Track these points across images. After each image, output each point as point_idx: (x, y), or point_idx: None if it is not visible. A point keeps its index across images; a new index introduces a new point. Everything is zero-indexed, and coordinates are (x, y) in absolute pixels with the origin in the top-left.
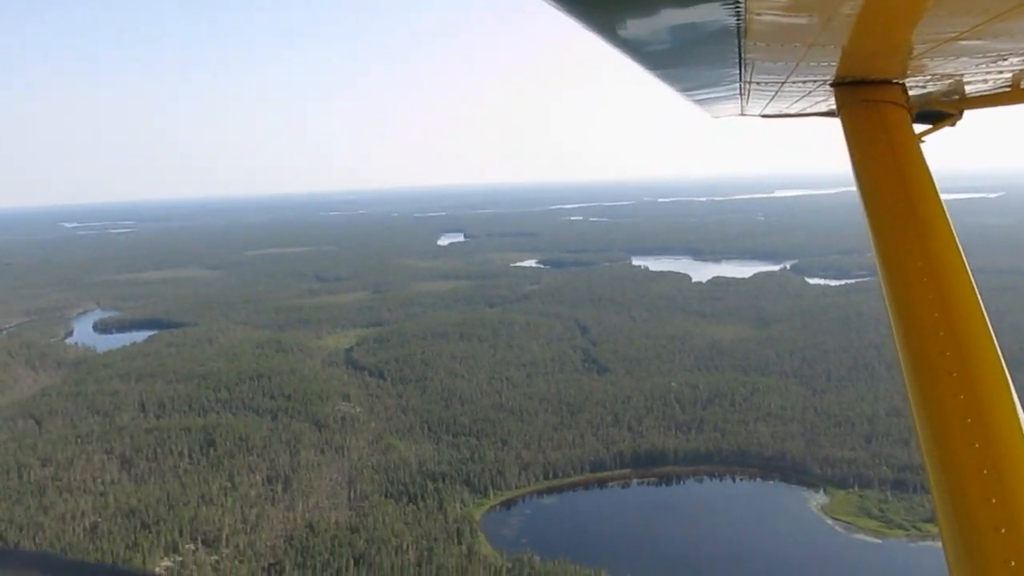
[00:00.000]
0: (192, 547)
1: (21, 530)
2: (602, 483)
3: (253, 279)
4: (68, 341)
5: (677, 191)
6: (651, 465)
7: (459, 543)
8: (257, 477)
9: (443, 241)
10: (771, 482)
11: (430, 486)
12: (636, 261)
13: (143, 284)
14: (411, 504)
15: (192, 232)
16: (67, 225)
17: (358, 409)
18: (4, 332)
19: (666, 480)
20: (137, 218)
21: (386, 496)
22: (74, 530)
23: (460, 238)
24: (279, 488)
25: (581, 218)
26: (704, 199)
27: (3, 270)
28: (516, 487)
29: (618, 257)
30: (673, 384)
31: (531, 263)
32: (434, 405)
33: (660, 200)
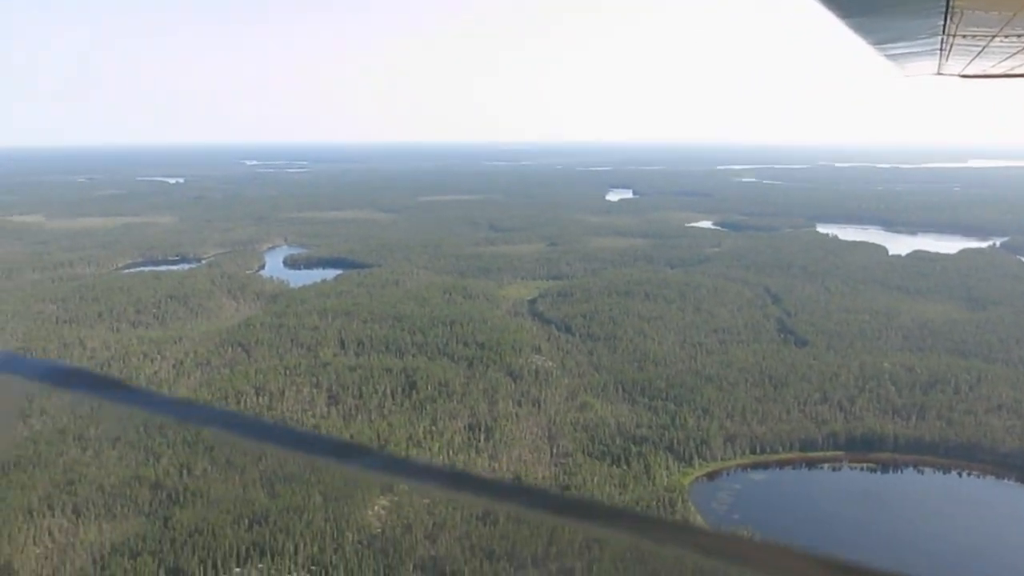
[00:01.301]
0: (406, 487)
1: (245, 455)
2: (812, 463)
3: (428, 224)
4: (262, 274)
5: (857, 156)
6: (866, 449)
7: (672, 511)
8: (459, 424)
9: (612, 196)
10: (1006, 481)
11: (633, 449)
12: (822, 228)
13: (324, 223)
14: (615, 466)
15: (364, 175)
16: (248, 162)
17: (550, 363)
18: (204, 262)
19: (883, 467)
20: (311, 159)
21: (589, 455)
22: (294, 461)
23: (629, 194)
24: (481, 437)
25: (754, 180)
26: (887, 165)
27: (196, 203)
28: (721, 459)
29: (801, 223)
30: (885, 364)
31: (707, 224)
32: (626, 365)
33: (838, 165)
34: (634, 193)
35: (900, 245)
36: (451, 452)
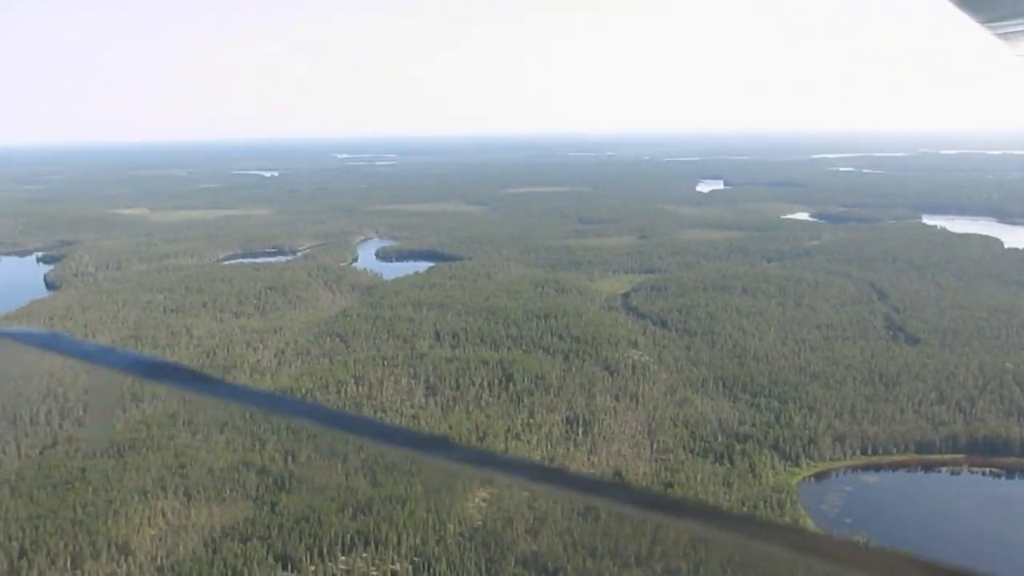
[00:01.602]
0: (506, 481)
1: (347, 444)
2: (928, 466)
3: (516, 217)
4: (355, 266)
5: (963, 142)
6: (989, 453)
7: (780, 513)
8: (556, 417)
9: (702, 188)
10: None
11: (736, 447)
12: (928, 220)
13: (413, 215)
14: (719, 464)
15: (450, 167)
16: (339, 156)
17: (647, 358)
18: (299, 254)
19: (1008, 472)
20: (398, 152)
21: (691, 452)
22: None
23: (720, 185)
24: (579, 430)
25: (852, 169)
26: (998, 152)
27: (290, 196)
28: (830, 459)
29: (905, 214)
30: (1008, 364)
31: (804, 216)
32: (726, 361)
33: (943, 152)
34: (725, 184)
35: (1017, 238)
36: (550, 445)
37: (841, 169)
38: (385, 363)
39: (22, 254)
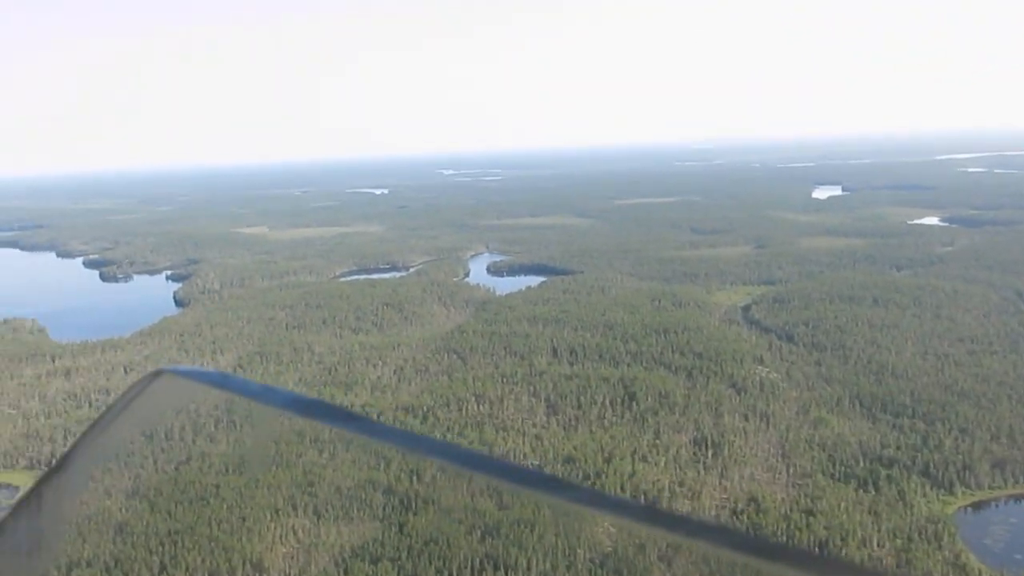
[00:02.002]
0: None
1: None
2: None
3: (627, 228)
4: (468, 281)
5: None
6: None
7: (939, 547)
8: (683, 438)
9: (819, 194)
10: None
11: (881, 472)
12: None
13: (522, 229)
14: (863, 490)
15: (556, 181)
16: (445, 172)
17: (775, 375)
18: (412, 270)
19: None
20: (505, 166)
21: (831, 477)
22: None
23: (838, 191)
24: (708, 453)
25: (983, 170)
26: None
27: (401, 213)
28: (989, 487)
29: None
30: None
31: (934, 220)
32: (861, 378)
33: None
34: (843, 189)
35: None
36: (678, 468)
37: (971, 170)
38: (504, 380)
39: (152, 272)
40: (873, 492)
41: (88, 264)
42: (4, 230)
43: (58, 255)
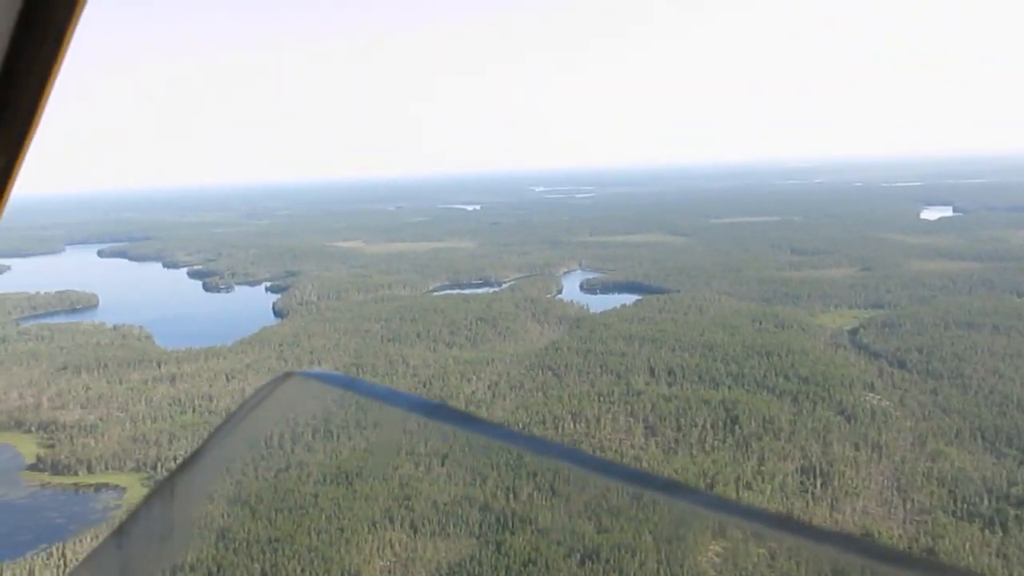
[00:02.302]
0: (740, 535)
1: (568, 483)
2: None
3: (724, 247)
4: (561, 298)
5: None
6: None
7: None
8: (790, 466)
9: (928, 214)
10: None
11: (1010, 512)
12: None
13: (616, 247)
14: (989, 531)
15: (650, 198)
16: (536, 189)
17: (886, 403)
18: (505, 286)
19: None
20: (597, 183)
21: (952, 515)
22: (621, 494)
23: (948, 212)
24: (816, 482)
25: None
26: None
27: (493, 229)
28: None
29: None
30: None
31: None
32: (983, 409)
33: None
34: (954, 210)
35: None
36: (784, 497)
37: None
38: (600, 399)
39: (252, 283)
40: (1001, 533)
41: (192, 274)
42: (114, 241)
43: (164, 265)
